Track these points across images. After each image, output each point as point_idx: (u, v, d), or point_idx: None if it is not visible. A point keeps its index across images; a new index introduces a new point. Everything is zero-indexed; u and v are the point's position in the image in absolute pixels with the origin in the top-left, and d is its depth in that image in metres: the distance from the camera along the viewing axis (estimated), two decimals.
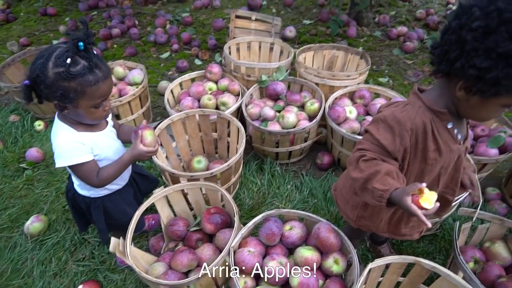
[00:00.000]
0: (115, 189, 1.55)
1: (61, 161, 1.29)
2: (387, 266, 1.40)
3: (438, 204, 0.90)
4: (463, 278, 1.38)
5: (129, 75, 2.49)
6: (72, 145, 1.28)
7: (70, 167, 1.33)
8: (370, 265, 1.31)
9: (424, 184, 0.90)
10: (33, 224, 1.91)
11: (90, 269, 1.78)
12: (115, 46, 3.67)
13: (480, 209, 1.60)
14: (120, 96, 2.38)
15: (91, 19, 4.12)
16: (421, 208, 0.90)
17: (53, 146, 1.31)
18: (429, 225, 0.90)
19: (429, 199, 0.90)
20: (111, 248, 1.37)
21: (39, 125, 2.64)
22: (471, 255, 1.53)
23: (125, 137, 1.54)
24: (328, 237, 1.40)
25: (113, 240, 1.39)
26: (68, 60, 1.14)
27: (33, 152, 2.37)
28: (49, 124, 2.69)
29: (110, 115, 1.49)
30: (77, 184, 1.49)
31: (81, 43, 1.14)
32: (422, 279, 1.43)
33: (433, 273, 1.34)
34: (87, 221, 1.65)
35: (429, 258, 1.35)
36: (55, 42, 3.58)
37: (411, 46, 3.53)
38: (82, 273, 1.77)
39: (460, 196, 1.63)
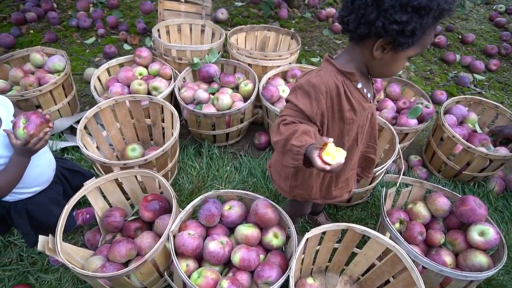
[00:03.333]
0: (37, 190, 1.43)
1: None
2: (323, 234, 1.48)
3: (341, 161, 0.91)
4: (390, 238, 1.51)
5: (48, 62, 2.29)
6: None
7: None
8: (307, 235, 1.37)
9: (330, 139, 0.91)
10: None
11: (19, 273, 1.65)
12: (31, 31, 3.34)
13: (404, 175, 1.75)
14: (40, 85, 2.18)
15: (0, 1, 3.70)
16: (324, 162, 0.90)
17: None
18: (327, 168, 0.90)
19: (332, 154, 0.91)
20: (39, 247, 1.28)
21: None
22: (397, 217, 1.67)
23: None
24: (266, 212, 1.44)
25: (41, 238, 1.29)
26: None
27: None
28: None
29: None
30: None
31: None
32: (355, 243, 1.53)
33: (366, 237, 1.44)
34: (8, 224, 1.51)
35: (362, 224, 1.44)
36: None
37: (339, 27, 3.67)
38: (9, 278, 1.63)
39: (385, 164, 1.76)
